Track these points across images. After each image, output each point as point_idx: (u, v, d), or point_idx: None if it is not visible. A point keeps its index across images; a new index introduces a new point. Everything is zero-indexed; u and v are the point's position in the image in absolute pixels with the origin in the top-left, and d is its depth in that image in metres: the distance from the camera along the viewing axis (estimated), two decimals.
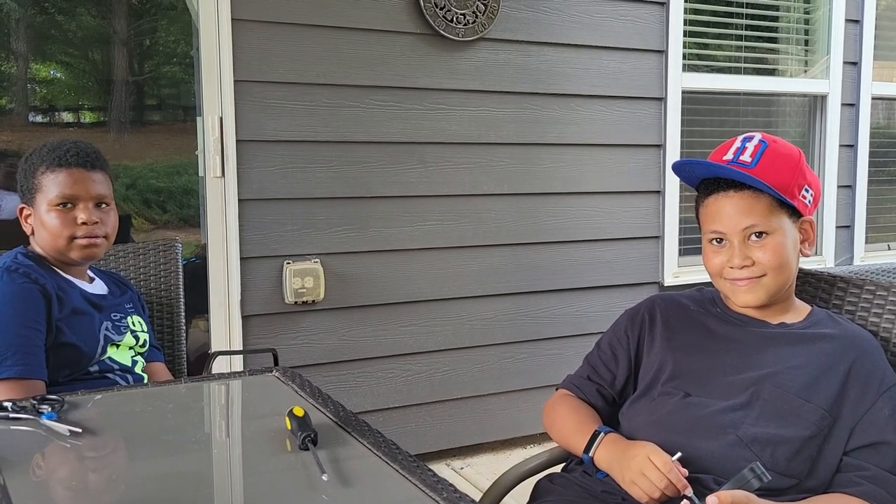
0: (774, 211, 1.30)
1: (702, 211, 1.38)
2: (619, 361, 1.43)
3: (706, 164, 1.34)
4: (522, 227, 3.02)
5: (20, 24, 3.36)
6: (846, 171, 3.67)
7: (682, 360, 1.36)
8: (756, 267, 1.29)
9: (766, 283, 1.30)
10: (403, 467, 1.02)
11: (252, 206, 2.61)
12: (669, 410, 1.31)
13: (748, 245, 1.30)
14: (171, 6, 3.53)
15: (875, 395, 1.24)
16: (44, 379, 1.49)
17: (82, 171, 1.61)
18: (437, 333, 2.92)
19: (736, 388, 1.29)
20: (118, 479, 1.04)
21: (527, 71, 2.96)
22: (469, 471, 2.91)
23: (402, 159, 2.80)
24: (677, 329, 1.41)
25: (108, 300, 1.69)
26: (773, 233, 1.29)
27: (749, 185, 1.29)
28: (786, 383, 1.26)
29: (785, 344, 1.31)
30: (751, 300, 1.32)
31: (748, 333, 1.35)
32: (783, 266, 1.30)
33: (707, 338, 1.37)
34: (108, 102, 3.69)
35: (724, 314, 1.40)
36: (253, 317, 2.65)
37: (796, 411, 1.23)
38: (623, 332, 1.45)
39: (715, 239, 1.34)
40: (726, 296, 1.39)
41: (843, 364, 1.26)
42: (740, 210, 1.30)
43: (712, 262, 1.35)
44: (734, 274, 1.31)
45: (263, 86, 2.59)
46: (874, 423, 1.22)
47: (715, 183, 1.33)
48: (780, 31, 3.64)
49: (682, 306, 1.44)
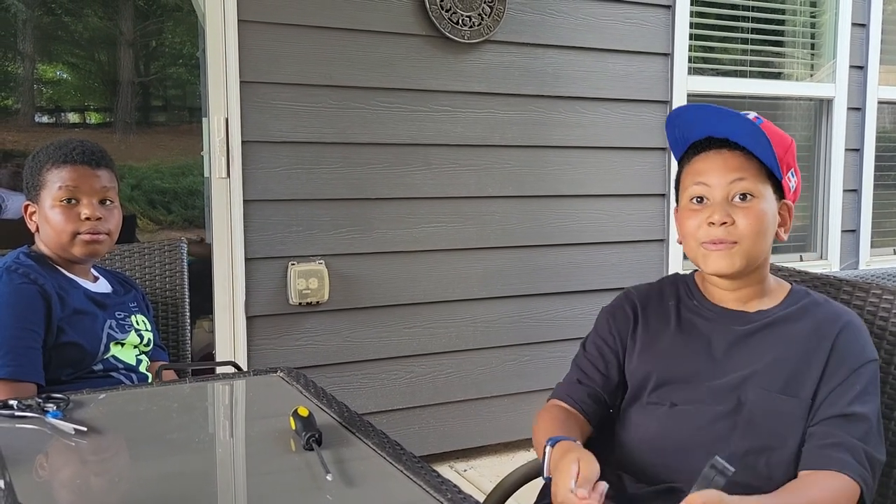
0: (762, 178, 1.26)
1: (686, 171, 1.32)
2: (608, 362, 1.39)
3: (710, 109, 1.28)
4: (527, 230, 3.02)
5: (27, 26, 3.37)
6: (852, 175, 3.66)
7: (665, 367, 1.32)
8: (734, 229, 1.24)
9: (740, 252, 1.24)
10: (408, 468, 1.01)
11: (257, 207, 2.62)
12: (658, 427, 1.29)
13: (731, 205, 1.25)
14: (177, 7, 3.54)
15: (848, 370, 1.22)
16: (37, 381, 1.48)
17: (87, 167, 1.61)
18: (441, 335, 2.92)
19: (721, 392, 1.25)
20: (122, 478, 1.04)
21: (532, 73, 2.96)
22: (472, 473, 2.90)
23: (408, 161, 2.80)
24: (657, 330, 1.36)
25: (112, 299, 1.69)
26: (758, 198, 1.25)
27: (744, 147, 1.26)
28: (769, 382, 1.23)
29: (766, 335, 1.28)
30: (723, 267, 1.26)
31: (728, 330, 1.30)
32: (761, 235, 1.25)
33: (688, 338, 1.33)
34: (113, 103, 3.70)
35: (701, 306, 1.35)
36: (257, 318, 2.65)
37: (783, 410, 1.22)
38: (607, 332, 1.40)
39: (696, 198, 1.29)
40: (699, 266, 1.31)
41: (825, 344, 1.24)
42: (730, 166, 1.26)
43: (687, 223, 1.29)
44: (710, 234, 1.25)
45: (269, 87, 2.59)
46: (843, 395, 1.20)
47: (707, 143, 1.29)
48: (786, 34, 3.63)
49: (660, 300, 1.39)
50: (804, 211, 3.71)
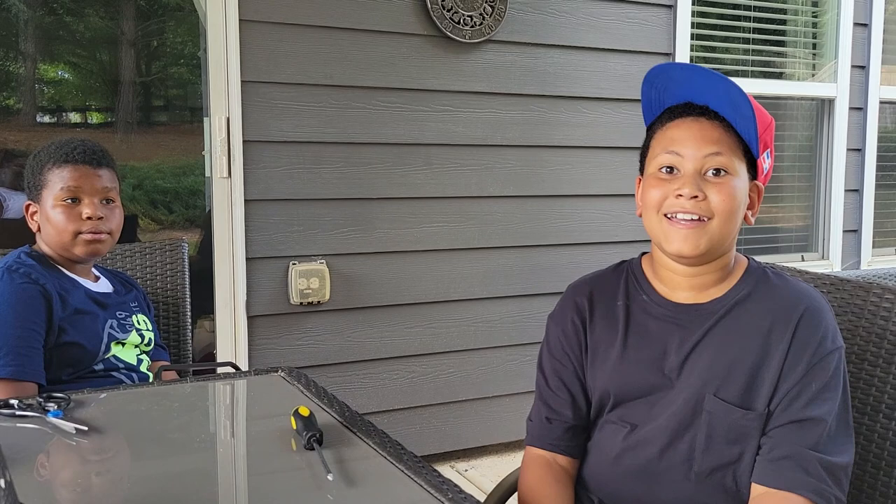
0: (738, 154, 1.17)
1: (657, 137, 1.21)
2: (572, 390, 1.28)
3: (698, 70, 1.18)
4: (528, 230, 3.01)
5: (28, 25, 3.37)
6: (853, 175, 3.66)
7: (620, 384, 1.22)
8: (705, 205, 1.14)
9: (710, 230, 1.14)
10: (409, 468, 1.01)
11: (258, 206, 2.62)
12: (622, 451, 1.21)
13: (703, 179, 1.15)
14: (178, 7, 3.54)
15: (806, 366, 1.13)
16: (38, 381, 1.48)
17: (89, 167, 1.61)
18: (442, 335, 2.92)
19: (680, 409, 1.17)
20: (123, 478, 1.04)
21: (534, 73, 2.96)
22: (473, 473, 2.90)
23: (409, 161, 2.80)
24: (608, 341, 1.25)
25: (113, 298, 1.69)
26: (733, 175, 1.15)
27: (723, 118, 1.16)
28: (728, 392, 1.15)
29: (722, 332, 1.17)
30: (687, 248, 1.14)
31: (682, 332, 1.20)
32: (732, 215, 1.15)
33: (640, 346, 1.22)
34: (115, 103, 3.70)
35: (651, 302, 1.24)
36: (258, 317, 2.65)
37: (743, 424, 1.14)
38: (561, 352, 1.30)
39: (665, 167, 1.18)
40: (659, 243, 1.20)
41: (784, 337, 1.14)
42: (708, 138, 1.16)
43: (653, 193, 1.18)
44: (678, 205, 1.15)
45: (270, 87, 2.59)
46: (798, 397, 1.12)
47: (684, 110, 1.20)
48: (787, 34, 3.63)
49: (607, 299, 1.28)
50: (806, 211, 3.70)
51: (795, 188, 3.70)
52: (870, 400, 1.39)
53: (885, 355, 1.37)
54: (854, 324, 1.44)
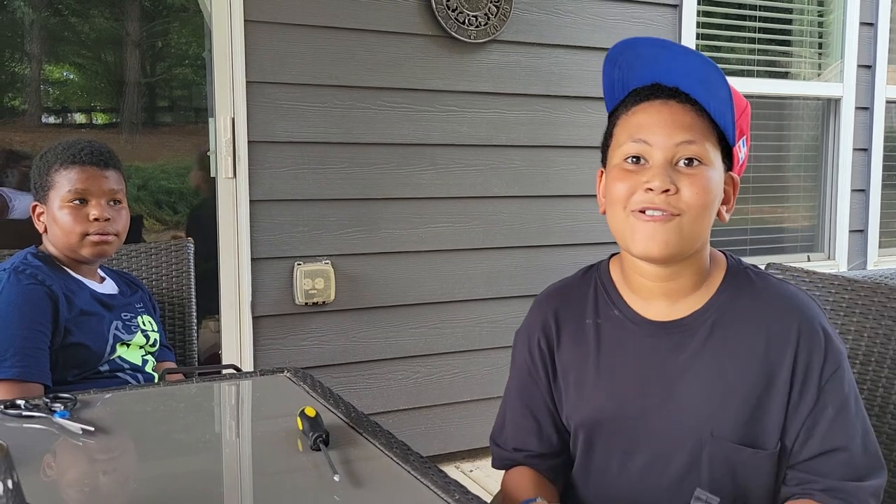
0: (713, 142, 1.04)
1: (621, 123, 1.09)
2: (537, 414, 1.18)
3: (668, 44, 1.06)
4: (533, 230, 3.01)
5: (34, 27, 3.38)
6: (860, 175, 3.65)
7: (596, 414, 1.11)
8: (676, 199, 1.01)
9: (681, 226, 1.01)
10: (415, 469, 1.01)
11: (263, 207, 2.62)
12: (613, 481, 1.12)
13: (675, 170, 1.02)
14: (183, 8, 3.55)
15: (817, 390, 1.03)
16: (44, 382, 1.48)
17: (95, 168, 1.61)
18: (448, 336, 2.91)
19: (672, 441, 1.06)
20: (129, 478, 1.04)
21: (539, 73, 2.96)
22: (478, 473, 2.90)
23: (414, 161, 2.80)
24: (579, 366, 1.13)
25: (119, 299, 1.70)
26: (707, 165, 1.03)
27: (695, 101, 1.04)
28: (726, 426, 1.04)
29: (708, 355, 1.06)
30: (655, 248, 1.02)
31: (661, 357, 1.08)
32: (705, 210, 1.03)
33: (615, 368, 1.11)
34: (120, 104, 3.71)
35: (624, 318, 1.11)
36: (263, 318, 2.65)
37: (749, 463, 1.04)
38: (527, 375, 1.19)
39: (632, 157, 1.05)
40: (624, 243, 1.07)
41: (784, 362, 1.04)
42: (679, 123, 1.03)
43: (618, 187, 1.05)
44: (646, 200, 1.02)
45: (275, 87, 2.59)
46: (815, 428, 1.03)
47: (651, 92, 1.08)
48: (793, 33, 3.62)
49: (576, 317, 1.15)
50: (812, 211, 3.69)
51: (801, 188, 3.69)
52: (877, 401, 1.38)
53: (892, 356, 1.36)
54: (861, 324, 1.44)
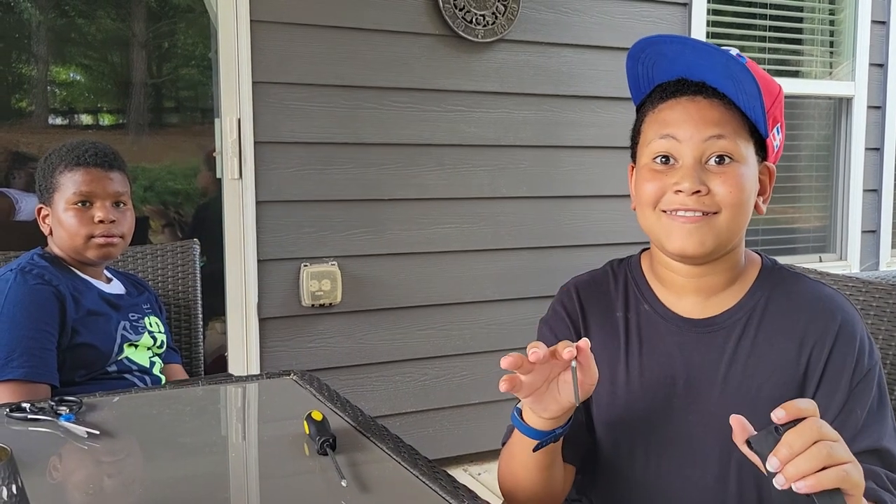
0: (744, 135, 1.01)
1: (649, 120, 1.06)
2: None
3: (688, 42, 1.02)
4: (541, 231, 2.99)
5: (41, 28, 3.38)
6: (872, 174, 3.62)
7: (624, 411, 1.08)
8: (709, 199, 0.99)
9: (717, 225, 0.99)
10: (422, 473, 1.00)
11: (269, 207, 2.60)
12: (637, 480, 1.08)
13: (704, 169, 1.00)
14: (189, 9, 3.54)
15: (846, 393, 1.00)
16: (51, 382, 1.48)
17: (100, 170, 1.61)
18: (455, 337, 2.90)
19: (698, 443, 1.04)
20: (135, 482, 1.03)
21: (547, 72, 2.94)
22: (487, 477, 2.88)
23: (420, 161, 2.78)
24: (607, 360, 1.10)
25: (126, 300, 1.69)
26: (738, 161, 1.00)
27: (723, 94, 1.01)
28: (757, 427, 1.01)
29: (741, 356, 1.04)
30: (691, 246, 0.99)
31: (691, 350, 1.05)
32: (741, 206, 1.00)
33: (644, 365, 1.08)
34: (126, 105, 3.71)
35: (654, 313, 1.09)
36: (270, 319, 2.64)
37: None
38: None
39: (661, 157, 1.02)
40: (658, 242, 1.05)
41: (818, 366, 1.01)
42: (707, 119, 1.00)
43: (647, 188, 1.03)
44: (677, 202, 0.99)
45: (282, 87, 2.58)
46: (843, 430, 0.94)
47: (677, 87, 1.04)
48: (804, 32, 3.59)
49: (604, 309, 1.13)
50: (823, 211, 3.66)
51: (813, 188, 3.66)
52: (892, 403, 1.36)
53: None
54: (876, 326, 1.42)
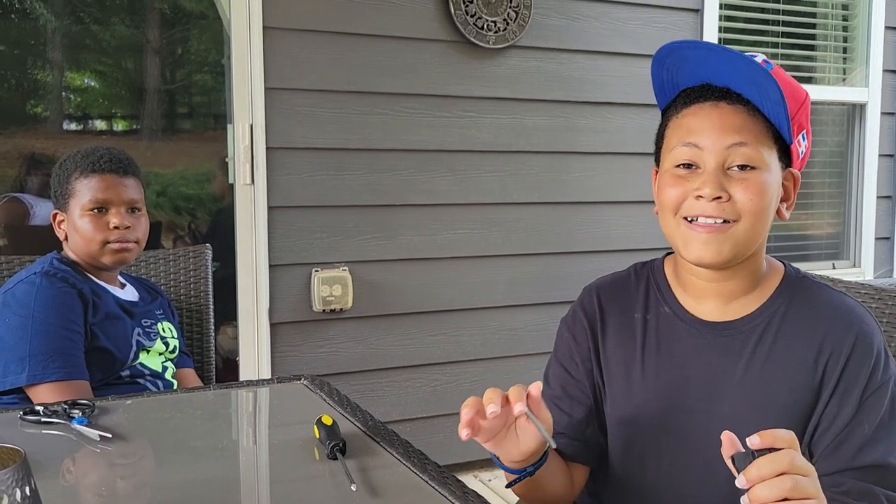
0: (767, 142, 1.01)
1: (672, 125, 1.08)
2: (574, 402, 1.14)
3: (713, 47, 1.02)
4: (553, 237, 2.99)
5: (56, 34, 3.41)
6: (886, 181, 3.59)
7: (639, 411, 1.09)
8: (729, 206, 0.99)
9: (736, 234, 1.00)
10: (433, 478, 1.00)
11: (281, 213, 2.62)
12: (650, 482, 1.09)
13: (727, 175, 1.00)
14: (202, 15, 3.57)
15: (856, 405, 0.99)
16: (87, 379, 1.50)
17: (115, 176, 1.62)
18: (466, 343, 2.89)
19: (710, 447, 0.98)
20: (147, 485, 1.03)
21: (558, 79, 2.94)
22: (497, 483, 2.87)
23: (432, 167, 2.79)
24: (624, 360, 1.11)
25: (139, 306, 1.70)
26: (761, 168, 1.00)
27: (747, 100, 1.01)
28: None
29: (757, 361, 1.04)
30: (708, 255, 1.00)
31: (709, 359, 1.06)
32: (760, 215, 1.00)
33: (661, 365, 1.09)
34: (140, 110, 3.73)
35: (674, 316, 1.10)
36: (281, 324, 2.65)
37: None
38: (570, 359, 1.17)
39: (683, 164, 1.03)
40: (676, 248, 1.06)
41: (833, 377, 1.01)
42: (730, 126, 1.00)
43: (669, 193, 1.04)
44: (698, 208, 1.00)
45: (294, 93, 2.59)
46: (848, 441, 0.99)
47: (701, 92, 1.05)
48: (817, 38, 3.57)
49: (624, 310, 1.15)
50: (837, 218, 3.64)
51: (826, 194, 3.63)
52: None
53: None
54: (890, 334, 1.41)
